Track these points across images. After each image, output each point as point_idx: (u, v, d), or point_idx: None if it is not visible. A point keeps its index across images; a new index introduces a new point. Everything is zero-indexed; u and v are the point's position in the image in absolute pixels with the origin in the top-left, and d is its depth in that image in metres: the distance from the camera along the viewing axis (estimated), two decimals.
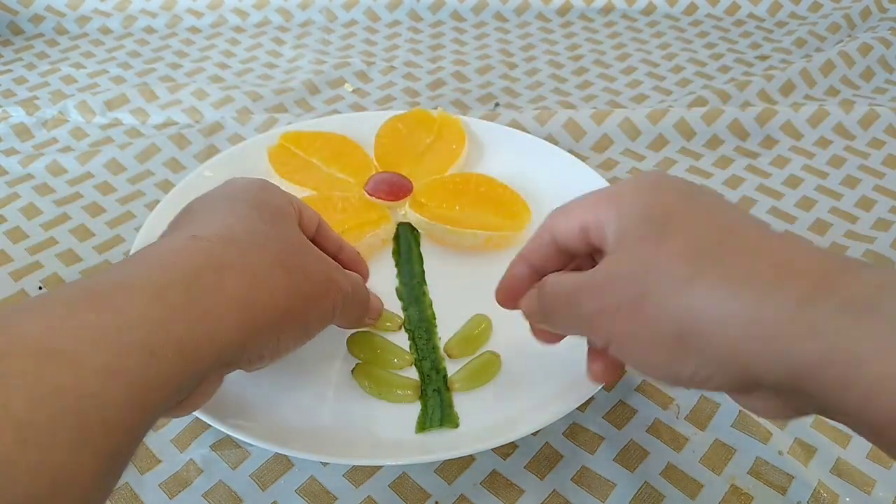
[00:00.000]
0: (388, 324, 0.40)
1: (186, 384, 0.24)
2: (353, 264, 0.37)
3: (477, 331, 0.40)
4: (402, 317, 0.41)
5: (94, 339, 0.20)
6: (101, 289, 0.23)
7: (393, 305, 0.42)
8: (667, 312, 0.23)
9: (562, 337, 0.32)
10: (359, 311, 0.36)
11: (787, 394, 0.22)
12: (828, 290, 0.21)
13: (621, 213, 0.26)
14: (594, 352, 0.30)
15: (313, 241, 0.34)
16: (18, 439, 0.17)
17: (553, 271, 0.30)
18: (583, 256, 0.30)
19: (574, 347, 0.39)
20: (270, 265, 0.28)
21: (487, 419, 0.36)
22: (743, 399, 0.25)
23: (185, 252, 0.26)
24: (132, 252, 0.42)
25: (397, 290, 0.43)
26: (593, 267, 0.27)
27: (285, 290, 0.28)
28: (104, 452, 0.20)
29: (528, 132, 0.56)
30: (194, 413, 0.35)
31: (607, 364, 0.30)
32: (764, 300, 0.21)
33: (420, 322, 0.41)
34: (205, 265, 0.25)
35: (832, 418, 0.22)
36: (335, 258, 0.35)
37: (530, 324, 0.32)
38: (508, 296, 0.32)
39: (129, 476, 0.35)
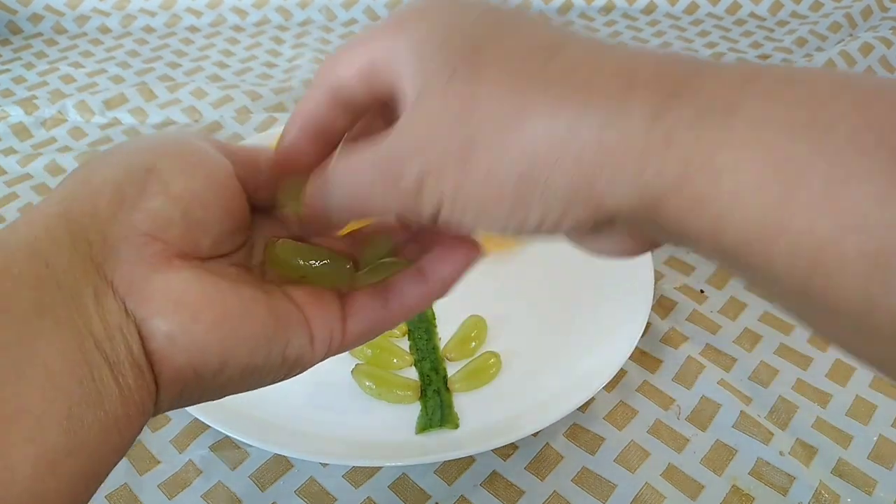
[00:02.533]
0: (395, 331, 0.40)
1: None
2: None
3: (472, 332, 0.40)
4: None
5: None
6: None
7: None
8: (500, 157, 0.19)
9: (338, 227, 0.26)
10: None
11: (641, 224, 0.20)
12: (680, 99, 0.18)
13: (417, 42, 0.21)
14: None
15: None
16: None
17: (339, 131, 0.25)
18: (371, 113, 0.25)
19: (574, 347, 0.39)
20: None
21: (487, 419, 0.36)
22: (592, 241, 0.22)
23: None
24: None
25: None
26: (387, 127, 0.21)
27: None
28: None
29: None
30: (193, 414, 0.35)
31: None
32: (608, 121, 0.18)
33: (420, 322, 0.41)
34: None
35: (684, 246, 0.20)
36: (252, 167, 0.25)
37: (307, 221, 0.24)
38: (287, 162, 0.25)
39: (129, 477, 0.35)
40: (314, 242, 0.24)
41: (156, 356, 0.20)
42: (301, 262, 0.23)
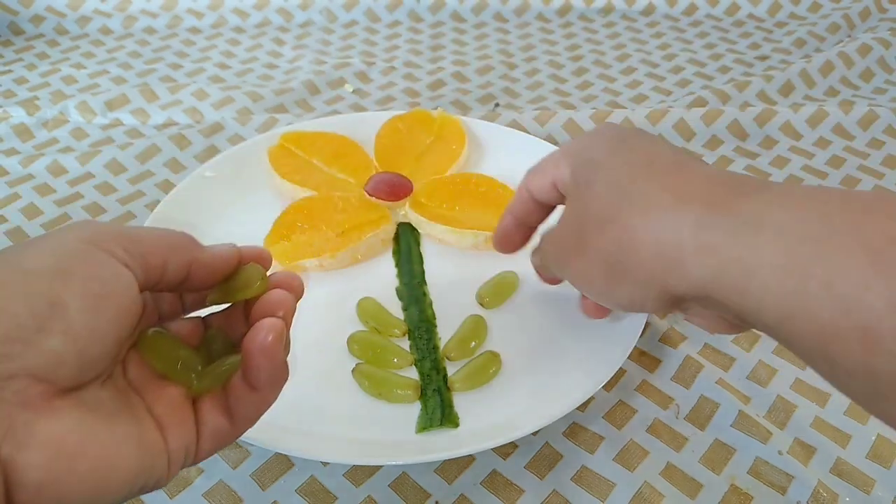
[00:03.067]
0: (395, 330, 0.40)
1: None
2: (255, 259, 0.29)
3: (472, 332, 0.40)
4: (404, 318, 0.42)
5: None
6: None
7: (393, 305, 0.42)
8: (598, 247, 0.28)
9: (604, 310, 0.37)
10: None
11: (710, 306, 0.26)
12: (720, 212, 0.24)
13: (571, 164, 0.31)
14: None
15: (191, 275, 0.26)
16: None
17: (537, 221, 0.37)
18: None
19: (573, 348, 0.39)
20: None
21: (487, 419, 0.36)
22: (688, 316, 0.31)
23: None
24: None
25: (397, 290, 0.43)
26: None
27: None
28: None
29: (528, 132, 0.56)
30: None
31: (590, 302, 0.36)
32: (665, 225, 0.25)
33: (420, 322, 0.41)
34: None
35: (748, 324, 0.25)
36: (221, 274, 0.27)
37: (540, 276, 0.39)
38: (503, 244, 0.38)
39: None
40: (185, 336, 0.26)
41: (20, 501, 0.19)
42: (158, 360, 0.25)
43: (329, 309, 0.41)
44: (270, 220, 0.45)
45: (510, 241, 0.38)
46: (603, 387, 0.36)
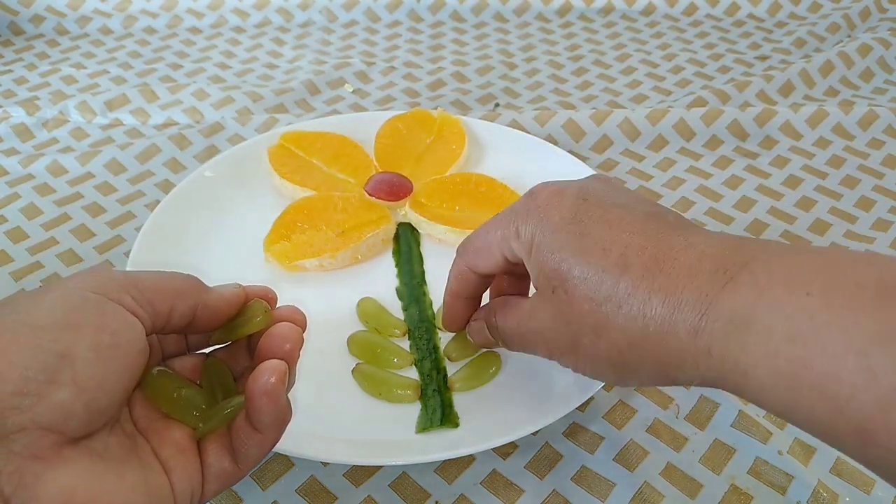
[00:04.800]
0: (395, 330, 0.40)
1: None
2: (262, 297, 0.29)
3: None
4: (404, 318, 0.42)
5: None
6: None
7: (393, 305, 0.42)
8: (596, 351, 0.28)
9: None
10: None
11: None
12: (711, 315, 0.24)
13: (529, 251, 0.30)
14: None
15: (198, 318, 0.26)
16: None
17: (481, 293, 0.36)
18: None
19: None
20: None
21: (487, 419, 0.36)
22: None
23: None
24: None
25: (397, 290, 0.43)
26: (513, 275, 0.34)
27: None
28: None
29: (528, 132, 0.56)
30: None
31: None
32: (663, 338, 0.26)
33: (420, 322, 0.41)
34: None
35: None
36: (226, 315, 0.28)
37: (475, 339, 0.36)
38: (454, 325, 0.37)
39: None
40: (189, 372, 0.27)
41: None
42: (163, 401, 0.25)
43: (329, 309, 0.41)
44: (270, 220, 0.45)
45: (460, 319, 0.36)
46: (603, 387, 0.36)
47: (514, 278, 0.35)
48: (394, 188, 0.48)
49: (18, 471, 0.19)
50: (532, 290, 0.32)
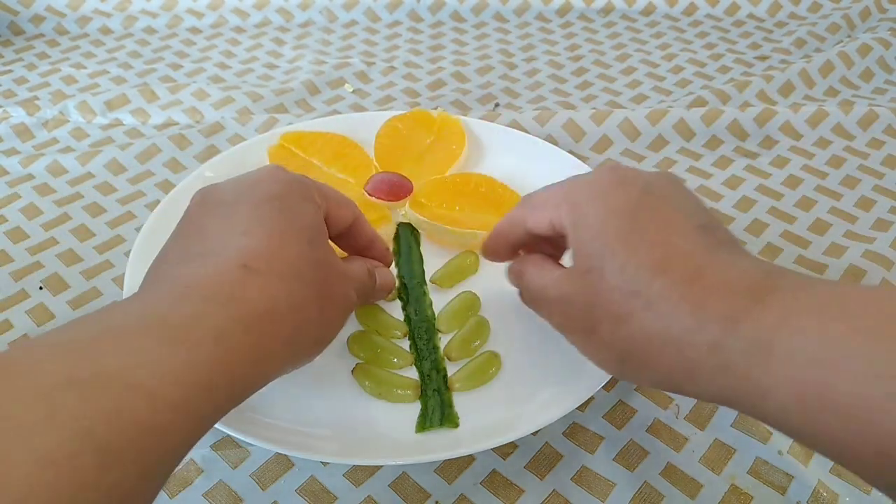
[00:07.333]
0: (395, 330, 0.40)
1: (227, 413, 0.26)
2: (380, 257, 0.39)
3: (475, 332, 0.40)
4: (404, 318, 0.42)
5: (168, 376, 0.22)
6: (173, 322, 0.24)
7: (393, 305, 0.42)
8: (611, 339, 0.29)
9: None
10: (365, 300, 0.38)
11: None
12: (735, 333, 0.25)
13: (577, 227, 0.30)
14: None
15: (344, 234, 0.36)
16: (99, 464, 0.19)
17: (523, 245, 0.37)
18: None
19: (573, 348, 0.39)
20: (311, 301, 0.29)
21: (487, 419, 0.36)
22: None
23: (242, 289, 0.26)
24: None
25: (397, 289, 0.43)
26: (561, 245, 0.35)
27: (318, 322, 0.30)
28: (163, 479, 0.22)
29: (528, 132, 0.56)
30: None
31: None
32: (682, 346, 0.26)
33: (420, 322, 0.41)
34: (264, 312, 0.27)
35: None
36: (364, 253, 0.38)
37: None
38: (488, 254, 0.38)
39: None
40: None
41: None
42: None
43: None
44: None
45: (495, 254, 0.38)
46: (603, 387, 0.36)
47: (550, 247, 0.36)
48: (394, 188, 0.48)
49: None
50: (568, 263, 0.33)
